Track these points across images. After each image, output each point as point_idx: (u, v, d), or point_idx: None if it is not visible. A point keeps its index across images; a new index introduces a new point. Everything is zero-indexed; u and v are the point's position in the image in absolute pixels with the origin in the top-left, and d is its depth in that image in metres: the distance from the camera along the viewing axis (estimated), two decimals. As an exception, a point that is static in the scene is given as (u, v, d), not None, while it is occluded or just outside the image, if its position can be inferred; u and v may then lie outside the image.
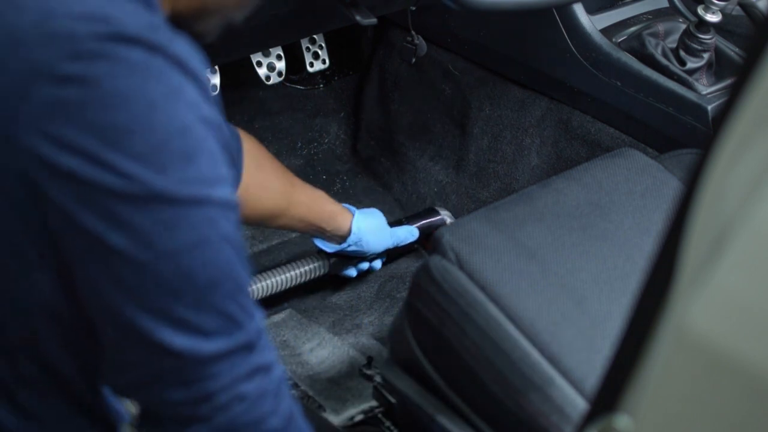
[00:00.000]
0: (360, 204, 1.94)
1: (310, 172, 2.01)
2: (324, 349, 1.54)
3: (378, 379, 1.22)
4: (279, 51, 1.83)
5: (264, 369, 0.73)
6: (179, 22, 0.72)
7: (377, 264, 1.60)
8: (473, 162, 1.86)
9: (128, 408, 0.82)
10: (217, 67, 1.69)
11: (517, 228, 1.10)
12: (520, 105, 1.78)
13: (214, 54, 1.51)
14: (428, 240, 1.67)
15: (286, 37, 1.74)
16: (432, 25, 1.82)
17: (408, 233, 1.62)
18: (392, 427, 1.28)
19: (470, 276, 1.03)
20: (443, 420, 1.05)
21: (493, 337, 0.99)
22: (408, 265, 1.75)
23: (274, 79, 1.84)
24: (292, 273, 1.53)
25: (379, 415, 1.31)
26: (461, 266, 1.04)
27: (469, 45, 1.82)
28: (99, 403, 0.79)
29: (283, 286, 1.53)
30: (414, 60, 1.52)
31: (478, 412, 1.03)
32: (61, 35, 0.62)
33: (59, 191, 0.63)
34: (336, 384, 1.47)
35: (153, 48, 0.63)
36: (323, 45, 1.98)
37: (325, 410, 1.40)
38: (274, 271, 1.53)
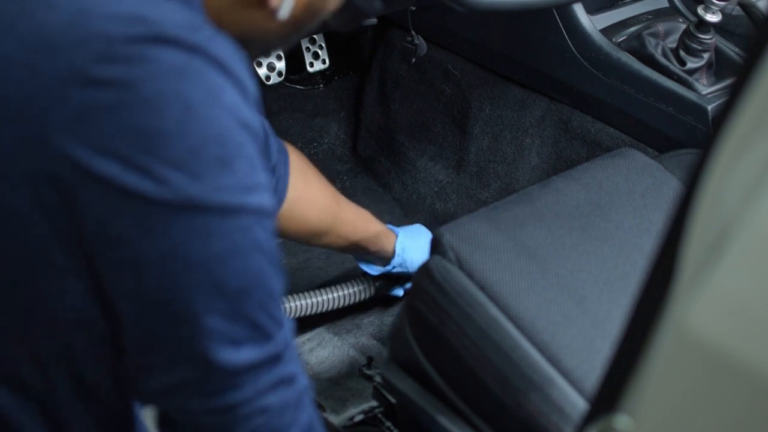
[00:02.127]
0: (360, 204, 1.94)
1: (310, 172, 2.01)
2: (324, 349, 1.54)
3: (378, 379, 1.22)
4: (279, 51, 1.84)
5: (288, 380, 0.72)
6: None
7: None
8: (473, 162, 1.86)
9: (149, 424, 0.81)
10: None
11: (517, 228, 1.10)
12: (520, 105, 1.78)
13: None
14: None
15: (286, 37, 1.73)
16: (432, 25, 1.82)
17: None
18: (392, 427, 1.28)
19: (470, 276, 1.03)
20: (443, 420, 1.05)
21: (493, 337, 0.99)
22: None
23: (274, 79, 1.84)
24: (337, 294, 1.46)
25: (379, 415, 1.31)
26: (461, 266, 1.04)
27: (469, 45, 1.83)
28: (128, 416, 0.78)
29: (326, 308, 1.47)
30: (414, 60, 1.52)
31: (478, 412, 1.03)
32: (95, 37, 0.60)
33: (93, 196, 0.61)
34: (336, 384, 1.47)
35: (192, 48, 0.61)
36: (323, 45, 1.98)
37: (325, 410, 1.40)
38: (317, 291, 1.47)
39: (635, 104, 1.56)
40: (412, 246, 1.44)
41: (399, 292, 1.51)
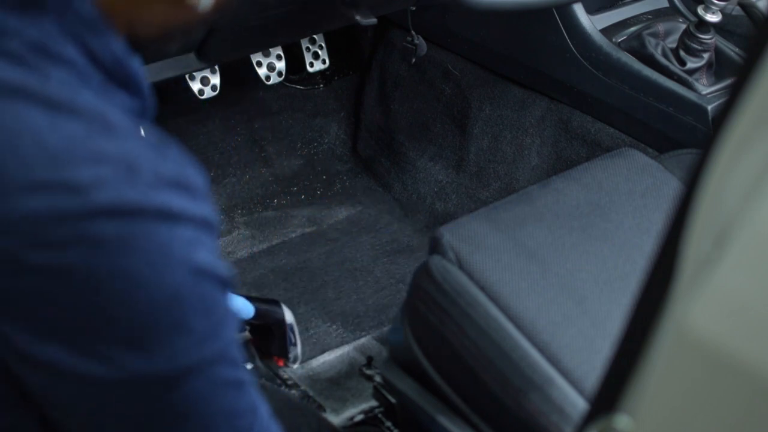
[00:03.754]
0: (360, 204, 1.94)
1: (310, 172, 2.01)
2: (324, 349, 1.54)
3: (378, 379, 1.22)
4: (279, 51, 1.84)
5: None
6: (137, 44, 0.65)
7: None
8: (473, 162, 1.86)
9: None
10: (217, 67, 1.69)
11: (517, 228, 1.10)
12: (520, 105, 1.78)
13: (215, 54, 1.51)
14: (258, 335, 1.35)
15: (286, 37, 1.74)
16: (432, 25, 1.82)
17: (244, 307, 1.33)
18: (392, 427, 1.28)
19: (470, 276, 1.03)
20: (443, 420, 1.05)
21: (493, 337, 0.99)
22: (408, 266, 1.75)
23: (274, 79, 1.84)
24: None
25: (379, 415, 1.31)
26: (461, 266, 1.04)
27: (469, 45, 1.83)
28: None
29: None
30: (414, 60, 1.52)
31: (478, 412, 1.03)
32: (21, 219, 0.52)
33: (39, 378, 0.57)
34: (336, 384, 1.47)
35: (130, 213, 0.53)
36: (323, 45, 1.98)
37: (325, 410, 1.40)
38: None
39: (635, 104, 1.56)
40: None
41: None
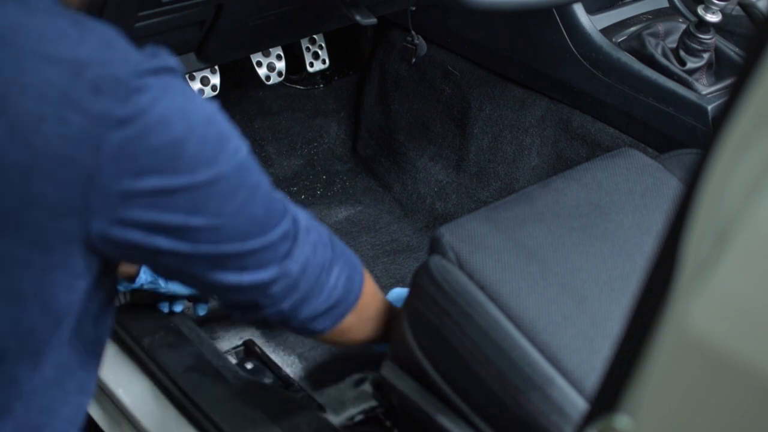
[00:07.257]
0: (360, 204, 1.94)
1: (310, 172, 2.01)
2: (324, 349, 1.54)
3: (378, 379, 1.22)
4: (279, 51, 1.83)
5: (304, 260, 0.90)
6: None
7: (177, 307, 1.34)
8: (473, 162, 1.86)
9: None
10: (217, 67, 1.69)
11: (517, 228, 1.10)
12: (520, 105, 1.78)
13: (215, 54, 1.52)
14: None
15: (286, 37, 1.74)
16: (432, 25, 1.82)
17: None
18: (392, 427, 1.28)
19: (470, 276, 1.03)
20: (443, 420, 1.05)
21: (493, 337, 0.99)
22: (408, 266, 1.75)
23: (274, 79, 1.84)
24: None
25: (379, 415, 1.31)
26: (461, 266, 1.04)
27: (469, 45, 1.83)
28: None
29: None
30: (414, 60, 1.52)
31: (478, 412, 1.03)
32: (108, 81, 0.72)
33: (147, 206, 0.76)
34: (336, 384, 1.47)
35: (165, 70, 0.76)
36: (323, 45, 1.98)
37: (325, 410, 1.40)
38: None
39: (635, 104, 1.56)
40: None
41: (163, 308, 1.34)
